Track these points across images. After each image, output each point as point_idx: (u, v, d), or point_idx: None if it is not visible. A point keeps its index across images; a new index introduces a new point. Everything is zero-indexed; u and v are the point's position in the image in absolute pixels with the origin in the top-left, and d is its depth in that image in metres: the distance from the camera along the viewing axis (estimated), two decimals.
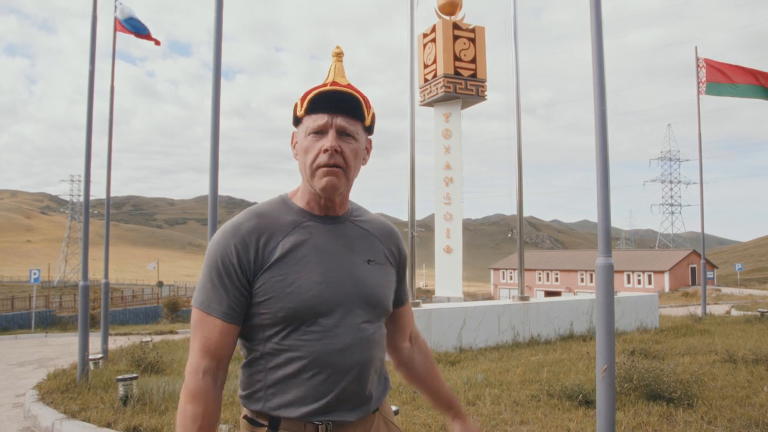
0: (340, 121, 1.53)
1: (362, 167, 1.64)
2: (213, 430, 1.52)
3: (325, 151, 1.50)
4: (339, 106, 1.54)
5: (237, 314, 1.52)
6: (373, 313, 1.58)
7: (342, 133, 1.53)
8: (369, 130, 1.62)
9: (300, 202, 1.62)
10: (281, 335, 1.51)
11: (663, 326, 13.38)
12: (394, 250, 1.73)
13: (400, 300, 1.80)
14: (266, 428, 1.53)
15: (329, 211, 1.61)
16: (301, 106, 1.57)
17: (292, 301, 1.49)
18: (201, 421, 1.48)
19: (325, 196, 1.57)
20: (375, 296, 1.59)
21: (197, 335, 1.53)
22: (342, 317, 1.53)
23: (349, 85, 1.58)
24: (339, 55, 1.67)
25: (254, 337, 1.55)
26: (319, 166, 1.51)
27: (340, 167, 1.52)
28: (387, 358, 1.77)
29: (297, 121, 1.60)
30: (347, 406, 1.52)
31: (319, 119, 1.53)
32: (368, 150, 1.65)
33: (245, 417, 1.58)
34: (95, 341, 10.27)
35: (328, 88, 1.56)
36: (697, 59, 16.83)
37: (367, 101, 1.60)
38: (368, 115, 1.59)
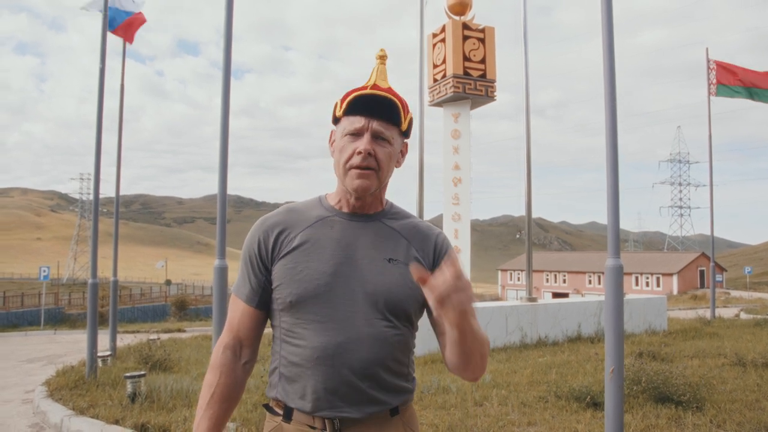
0: (376, 125, 1.56)
1: (396, 169, 1.67)
2: (229, 401, 1.63)
3: (359, 153, 1.54)
4: (376, 110, 1.57)
5: (258, 299, 1.64)
6: (388, 312, 1.55)
7: (377, 137, 1.56)
8: (405, 134, 1.65)
9: (332, 200, 1.67)
10: (290, 322, 1.57)
11: (671, 329, 13.32)
12: (428, 252, 1.66)
13: None
14: (281, 417, 1.58)
15: (358, 209, 1.63)
16: (340, 107, 1.61)
17: (298, 287, 1.54)
18: (214, 389, 1.61)
19: (355, 196, 1.59)
20: (390, 295, 1.55)
21: (228, 315, 1.70)
22: (349, 311, 1.53)
23: (389, 89, 1.61)
24: (382, 58, 1.68)
25: (274, 322, 1.64)
26: (351, 167, 1.55)
27: (372, 169, 1.55)
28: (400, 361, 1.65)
29: (336, 120, 1.63)
30: (351, 401, 1.52)
31: (356, 122, 1.56)
32: (403, 153, 1.67)
33: (264, 405, 1.66)
34: (103, 339, 10.32)
35: (367, 91, 1.60)
36: (708, 61, 16.75)
37: (405, 106, 1.62)
38: (405, 120, 1.62)
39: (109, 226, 12.69)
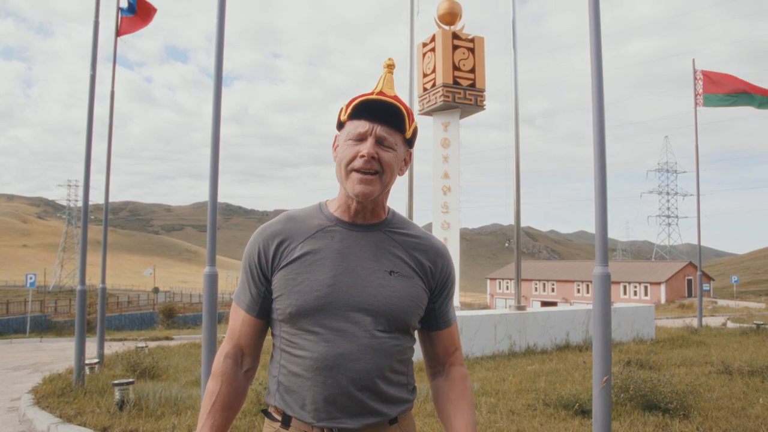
0: (380, 130, 1.56)
1: (398, 177, 1.66)
2: (231, 410, 1.64)
3: (362, 156, 1.53)
4: (381, 116, 1.56)
5: (258, 308, 1.65)
6: (387, 323, 1.56)
7: (381, 142, 1.56)
8: (409, 143, 1.64)
9: (332, 207, 1.66)
10: (290, 333, 1.58)
11: (659, 337, 13.40)
12: (429, 266, 1.66)
13: (435, 323, 1.71)
14: (279, 423, 1.59)
15: (359, 218, 1.63)
16: (345, 111, 1.60)
17: (298, 299, 1.54)
18: (215, 398, 1.62)
19: (357, 201, 1.59)
20: (390, 307, 1.56)
21: (229, 323, 1.72)
22: (349, 322, 1.53)
23: (395, 97, 1.61)
24: (390, 67, 1.68)
25: (274, 331, 1.65)
26: (353, 170, 1.55)
27: (375, 173, 1.55)
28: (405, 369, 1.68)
29: (340, 125, 1.63)
30: (350, 412, 1.52)
31: (361, 126, 1.56)
32: (406, 162, 1.66)
33: (263, 411, 1.66)
34: (91, 346, 10.24)
35: (373, 96, 1.59)
36: (695, 71, 16.94)
37: (410, 114, 1.62)
38: (409, 127, 1.61)
39: (98, 233, 12.64)
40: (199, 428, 1.61)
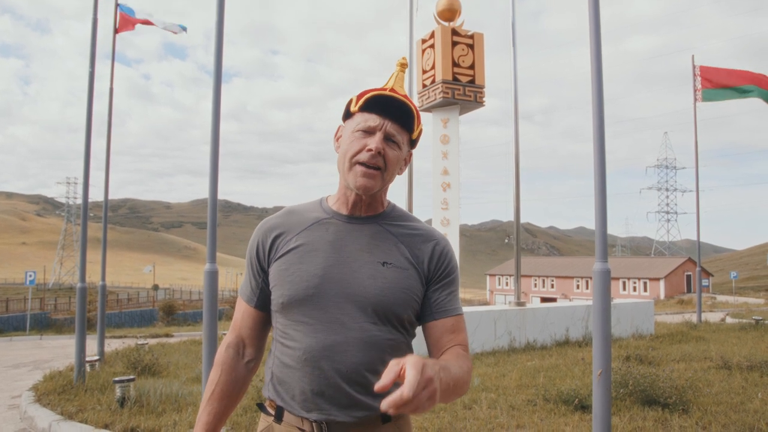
0: (390, 126, 1.56)
1: (397, 176, 1.67)
2: (230, 399, 1.67)
3: (369, 150, 1.54)
4: (393, 113, 1.57)
5: (257, 299, 1.69)
6: (378, 316, 1.54)
7: (389, 139, 1.57)
8: (413, 143, 1.66)
9: (331, 201, 1.68)
10: (283, 324, 1.59)
11: (658, 333, 13.42)
12: (425, 256, 1.62)
13: (429, 313, 1.62)
14: (273, 418, 1.60)
15: (356, 210, 1.63)
16: (356, 103, 1.60)
17: (289, 289, 1.56)
18: (215, 386, 1.67)
19: (356, 193, 1.60)
20: (380, 298, 1.53)
21: (234, 315, 1.76)
22: (338, 314, 1.53)
23: (405, 96, 1.62)
24: (403, 66, 1.69)
25: (272, 323, 1.67)
26: (358, 162, 1.55)
27: (379, 169, 1.55)
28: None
29: (348, 115, 1.63)
30: (338, 404, 1.51)
31: (371, 120, 1.56)
32: (406, 162, 1.66)
33: (258, 404, 1.68)
34: (91, 343, 10.24)
35: (387, 92, 1.60)
36: (694, 68, 16.92)
37: (418, 116, 1.64)
38: (416, 129, 1.63)
39: (97, 231, 12.63)
40: (199, 415, 1.65)
